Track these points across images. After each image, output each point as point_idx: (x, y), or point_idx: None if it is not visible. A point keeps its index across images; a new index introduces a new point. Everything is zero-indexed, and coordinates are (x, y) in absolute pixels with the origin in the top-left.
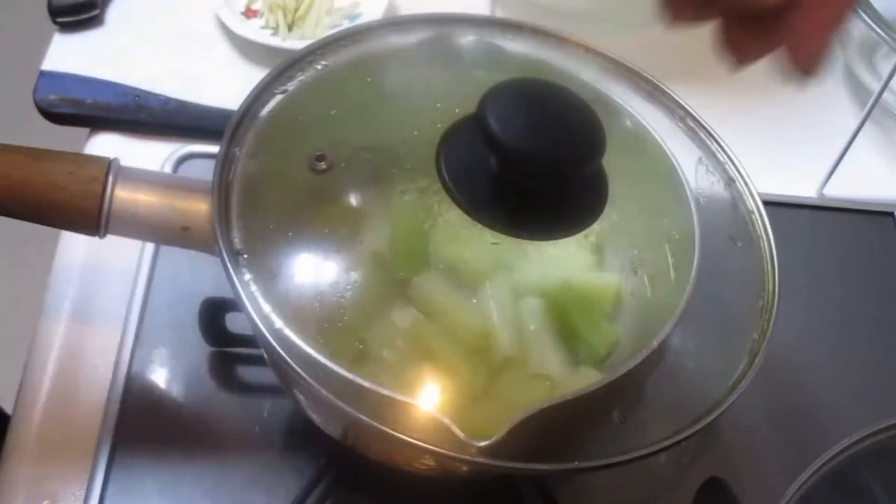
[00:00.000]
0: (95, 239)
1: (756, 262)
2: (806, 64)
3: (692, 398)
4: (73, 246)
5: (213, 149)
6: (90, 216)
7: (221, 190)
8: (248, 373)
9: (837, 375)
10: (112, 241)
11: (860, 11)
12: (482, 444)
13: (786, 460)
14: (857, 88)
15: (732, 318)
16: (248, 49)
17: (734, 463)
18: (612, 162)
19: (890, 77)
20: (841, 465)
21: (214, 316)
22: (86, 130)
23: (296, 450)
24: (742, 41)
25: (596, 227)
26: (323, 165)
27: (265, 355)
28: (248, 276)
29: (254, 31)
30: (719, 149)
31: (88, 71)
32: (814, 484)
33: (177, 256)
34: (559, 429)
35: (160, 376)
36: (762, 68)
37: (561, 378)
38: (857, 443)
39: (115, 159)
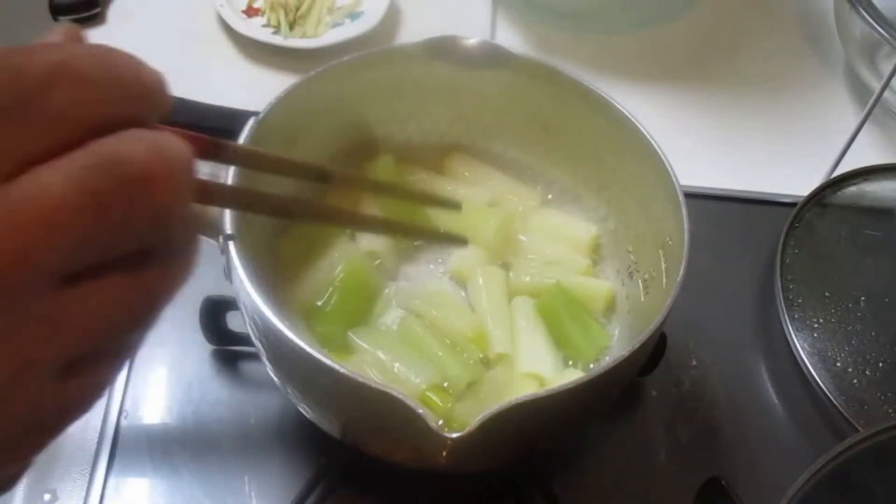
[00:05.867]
0: None
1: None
2: None
3: None
4: None
5: None
6: None
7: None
8: (248, 371)
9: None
10: None
11: (861, 10)
12: (454, 436)
13: (786, 460)
14: (858, 87)
15: None
16: (250, 47)
17: (734, 463)
18: (613, 166)
19: (891, 76)
20: (841, 465)
21: (215, 314)
22: None
23: (296, 449)
24: None
25: (594, 230)
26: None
27: (252, 334)
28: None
29: (255, 29)
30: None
31: None
32: (814, 484)
33: None
34: (536, 426)
35: (161, 375)
36: (763, 67)
37: (550, 378)
38: (857, 443)
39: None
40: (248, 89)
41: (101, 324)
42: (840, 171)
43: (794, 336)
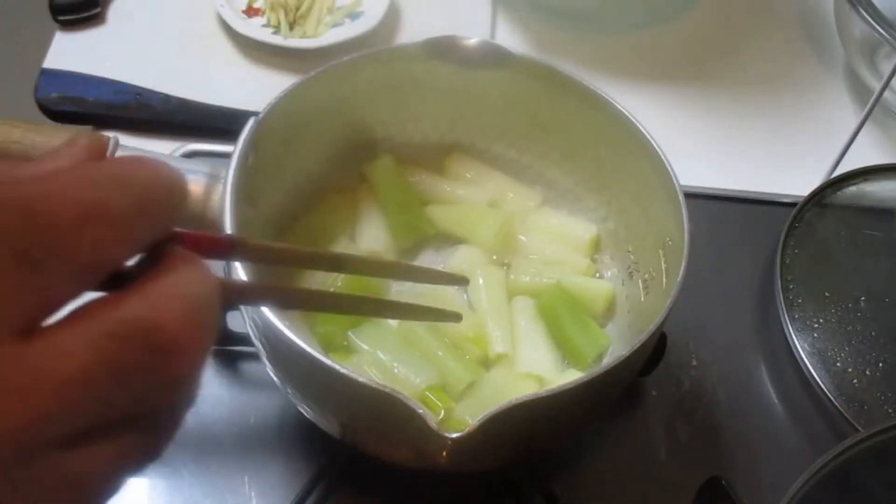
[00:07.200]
0: None
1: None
2: None
3: None
4: None
5: (215, 146)
6: None
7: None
8: (248, 371)
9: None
10: None
11: (861, 10)
12: (454, 436)
13: (786, 460)
14: (858, 87)
15: None
16: (250, 47)
17: (734, 463)
18: (613, 166)
19: (891, 76)
20: (841, 465)
21: None
22: (87, 129)
23: (296, 449)
24: None
25: (594, 230)
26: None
27: (252, 334)
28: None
29: (255, 29)
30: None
31: (90, 69)
32: (814, 484)
33: None
34: (536, 426)
35: None
36: (763, 67)
37: (550, 378)
38: (857, 443)
39: (114, 137)
40: (248, 89)
41: (102, 479)
42: (840, 171)
43: (794, 336)
